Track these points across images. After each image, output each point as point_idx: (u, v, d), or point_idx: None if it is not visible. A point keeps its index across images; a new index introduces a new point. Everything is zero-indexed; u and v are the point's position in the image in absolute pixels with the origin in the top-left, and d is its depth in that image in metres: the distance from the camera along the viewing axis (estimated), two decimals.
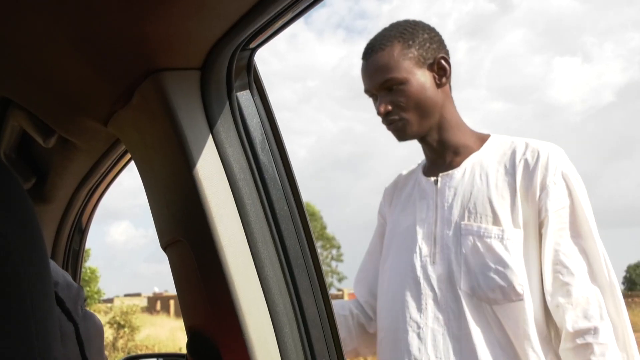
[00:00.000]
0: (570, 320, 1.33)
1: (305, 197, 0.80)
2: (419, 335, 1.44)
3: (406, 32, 1.52)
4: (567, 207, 1.40)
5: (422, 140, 1.57)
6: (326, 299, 0.78)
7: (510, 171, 1.45)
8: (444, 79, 1.54)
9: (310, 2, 0.66)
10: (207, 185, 0.73)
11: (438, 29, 1.60)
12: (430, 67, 1.53)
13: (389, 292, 1.56)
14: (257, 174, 0.76)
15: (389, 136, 1.61)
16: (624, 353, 1.33)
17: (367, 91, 1.57)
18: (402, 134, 1.54)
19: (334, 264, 44.11)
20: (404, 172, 1.75)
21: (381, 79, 1.50)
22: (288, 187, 0.78)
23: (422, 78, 1.50)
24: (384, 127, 1.59)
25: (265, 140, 0.78)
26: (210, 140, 0.75)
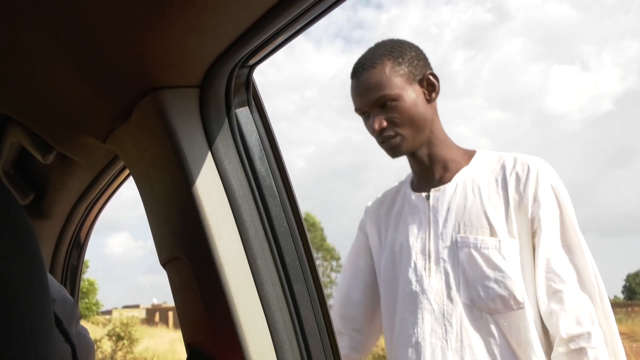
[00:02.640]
0: (563, 327, 1.37)
1: (303, 207, 0.80)
2: (417, 349, 1.46)
3: (395, 50, 1.56)
4: (556, 218, 1.45)
5: (412, 155, 1.60)
6: (326, 314, 0.78)
7: (502, 184, 1.49)
8: (433, 94, 1.58)
9: (309, 20, 0.66)
10: (206, 203, 0.73)
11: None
12: (420, 83, 1.57)
13: (389, 309, 1.58)
14: (256, 191, 0.76)
15: None
16: (614, 358, 1.38)
17: (358, 109, 1.59)
18: (397, 150, 1.56)
19: (333, 275, 44.00)
20: (387, 191, 1.77)
21: (375, 96, 1.52)
22: (287, 204, 0.78)
23: (413, 94, 1.54)
24: None
25: (264, 156, 0.79)
26: (209, 158, 0.75)
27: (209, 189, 0.73)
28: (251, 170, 0.77)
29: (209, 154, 0.75)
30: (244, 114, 0.79)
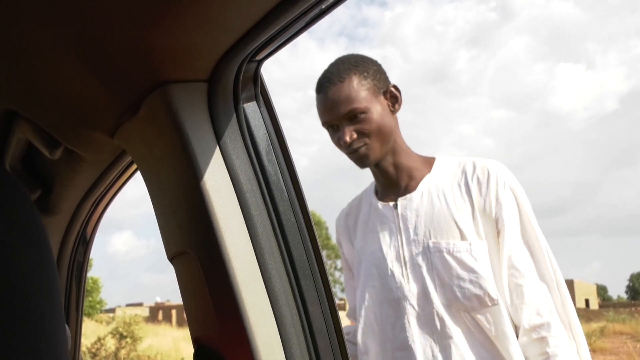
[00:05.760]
0: (525, 318, 1.51)
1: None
2: (409, 351, 1.56)
3: (359, 64, 1.63)
4: (516, 217, 1.56)
5: (377, 165, 1.67)
6: (333, 309, 0.78)
7: (466, 189, 1.60)
8: (396, 106, 1.67)
9: (316, 14, 0.66)
10: (214, 197, 0.73)
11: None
12: (384, 96, 1.65)
13: (370, 316, 1.67)
14: (264, 185, 0.77)
15: None
16: (573, 341, 1.51)
17: (326, 123, 1.65)
18: (365, 160, 1.64)
19: (337, 274, 44.00)
20: (351, 202, 1.88)
21: (344, 109, 1.59)
22: (295, 198, 0.79)
23: (379, 106, 1.62)
24: None
25: (272, 151, 0.79)
26: (217, 152, 0.75)
27: (216, 183, 0.74)
28: (259, 164, 0.77)
29: (217, 148, 0.75)
30: (251, 109, 0.79)
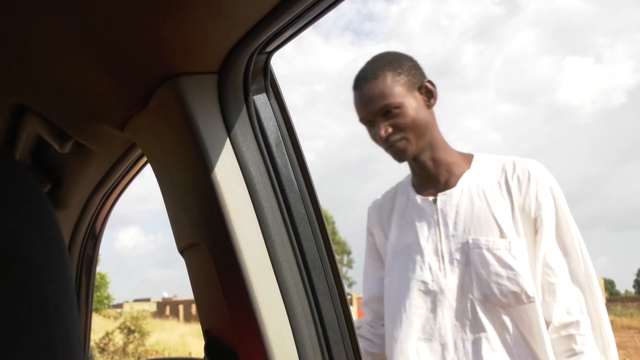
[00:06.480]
0: (556, 316, 1.55)
1: None
2: (441, 342, 1.60)
3: (393, 61, 1.67)
4: (554, 217, 1.60)
5: (415, 160, 1.70)
6: (344, 301, 0.78)
7: (506, 188, 1.63)
8: (432, 100, 1.70)
9: (326, 6, 0.66)
10: (225, 189, 0.73)
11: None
12: (419, 91, 1.68)
13: (402, 306, 1.68)
14: (274, 177, 0.77)
15: None
16: (601, 342, 1.54)
17: (362, 119, 1.70)
18: (403, 154, 1.67)
19: (344, 269, 44.04)
20: (385, 193, 1.90)
21: (379, 105, 1.63)
22: (305, 190, 0.78)
23: (414, 101, 1.65)
24: None
25: (282, 143, 0.79)
26: (227, 144, 0.75)
27: (227, 175, 0.74)
28: (269, 156, 0.77)
29: (228, 140, 0.75)
30: (261, 100, 0.79)
